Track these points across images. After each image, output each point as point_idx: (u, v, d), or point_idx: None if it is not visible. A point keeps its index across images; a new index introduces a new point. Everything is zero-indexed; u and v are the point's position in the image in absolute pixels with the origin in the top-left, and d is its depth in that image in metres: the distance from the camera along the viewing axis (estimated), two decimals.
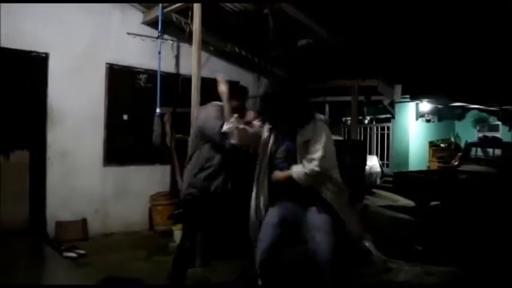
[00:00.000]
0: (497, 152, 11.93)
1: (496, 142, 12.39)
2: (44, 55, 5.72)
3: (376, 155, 12.40)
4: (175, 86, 6.75)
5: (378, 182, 10.72)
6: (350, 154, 6.26)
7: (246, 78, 7.87)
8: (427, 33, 6.13)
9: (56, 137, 5.79)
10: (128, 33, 6.26)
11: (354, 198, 4.75)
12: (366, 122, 13.57)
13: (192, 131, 4.07)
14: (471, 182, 9.45)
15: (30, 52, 5.63)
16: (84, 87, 6.03)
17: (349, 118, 11.33)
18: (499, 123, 14.04)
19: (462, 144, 13.19)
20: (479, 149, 12.46)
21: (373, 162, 10.87)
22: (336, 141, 4.45)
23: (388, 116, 13.41)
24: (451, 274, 4.74)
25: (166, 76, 6.62)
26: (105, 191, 6.23)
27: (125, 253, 5.36)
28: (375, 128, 13.68)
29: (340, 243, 3.60)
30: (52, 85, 5.77)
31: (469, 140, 13.00)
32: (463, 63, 7.36)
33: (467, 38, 6.30)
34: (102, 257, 5.15)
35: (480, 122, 14.92)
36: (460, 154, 12.11)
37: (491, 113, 13.59)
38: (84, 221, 5.95)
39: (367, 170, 8.81)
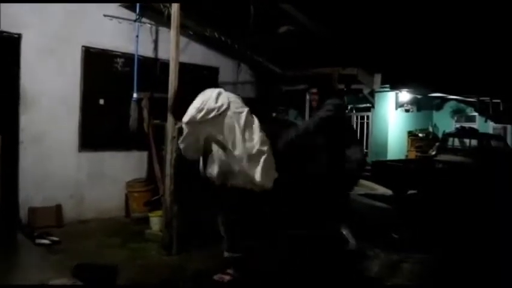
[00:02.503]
0: (474, 142, 12.12)
1: (472, 133, 12.58)
2: (16, 36, 5.52)
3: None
4: (153, 70, 6.62)
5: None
6: None
7: (226, 64, 7.79)
8: (407, 23, 6.14)
9: (29, 121, 5.62)
10: (105, 15, 6.08)
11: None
12: (347, 111, 13.61)
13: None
14: (448, 172, 9.60)
15: (2, 32, 5.41)
16: (59, 70, 5.86)
17: None
18: (476, 114, 14.28)
19: (440, 134, 13.38)
20: (456, 139, 12.64)
21: None
22: None
23: (368, 105, 13.52)
24: (426, 261, 4.82)
25: (144, 60, 6.50)
26: (80, 176, 6.10)
27: (100, 240, 5.27)
28: (355, 117, 13.76)
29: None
30: (25, 67, 5.58)
31: (447, 131, 13.20)
32: (442, 54, 7.41)
33: (447, 29, 6.33)
34: (76, 243, 5.05)
35: (458, 113, 15.14)
36: (437, 144, 12.27)
37: (468, 104, 13.80)
38: (58, 207, 5.82)
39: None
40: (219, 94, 3.84)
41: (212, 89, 3.95)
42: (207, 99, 3.78)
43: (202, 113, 3.70)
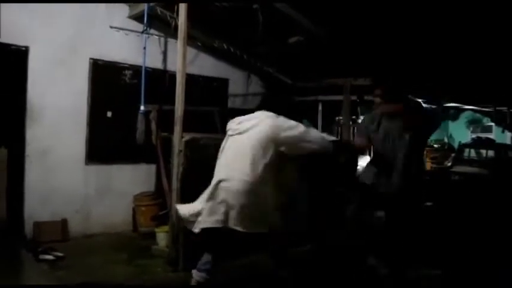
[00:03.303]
0: (490, 153, 11.86)
1: (489, 143, 12.33)
2: (24, 48, 5.48)
3: (369, 155, 12.26)
4: (162, 82, 6.52)
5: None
6: (342, 154, 6.12)
7: (236, 76, 7.70)
8: (421, 32, 5.99)
9: (36, 134, 5.56)
10: (111, 27, 6.03)
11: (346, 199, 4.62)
12: (360, 121, 13.44)
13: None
14: (464, 183, 9.36)
15: (9, 45, 5.38)
16: (66, 82, 5.80)
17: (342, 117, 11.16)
18: (493, 124, 14.00)
19: (455, 145, 13.12)
20: (472, 150, 12.38)
21: (365, 162, 10.71)
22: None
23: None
24: (441, 277, 4.61)
25: (152, 72, 6.43)
26: (87, 190, 6.01)
27: (105, 255, 5.16)
28: None
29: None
30: (32, 80, 5.53)
31: (463, 141, 12.94)
32: (457, 63, 7.23)
33: (462, 38, 6.17)
34: (81, 259, 4.95)
35: (474, 123, 14.88)
36: (453, 155, 12.04)
37: (485, 114, 13.52)
38: (64, 222, 5.73)
39: (359, 169, 8.68)
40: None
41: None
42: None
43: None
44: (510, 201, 7.62)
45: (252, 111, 3.76)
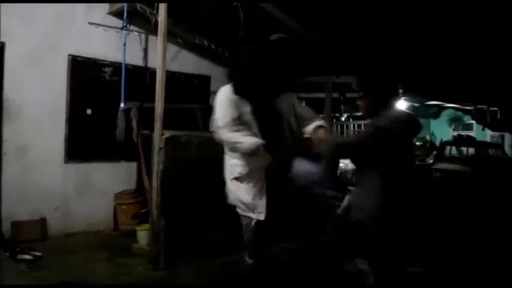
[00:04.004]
0: (471, 150, 12.03)
1: (470, 141, 12.51)
2: None
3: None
4: (142, 79, 6.45)
5: (354, 179, 10.66)
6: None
7: (218, 73, 7.63)
8: (402, 31, 6.02)
9: (13, 132, 5.45)
10: (90, 23, 5.93)
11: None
12: (343, 119, 13.52)
13: None
14: (445, 180, 9.48)
15: None
16: (44, 79, 5.71)
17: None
18: (474, 122, 14.18)
19: (437, 143, 13.27)
20: (454, 148, 12.55)
21: (348, 160, 10.80)
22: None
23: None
24: (422, 275, 4.64)
25: (133, 69, 6.36)
26: (66, 188, 5.92)
27: (85, 254, 5.09)
28: (352, 125, 13.64)
29: None
30: (9, 76, 5.41)
31: (444, 139, 13.11)
32: (438, 62, 7.30)
33: (443, 37, 6.22)
34: (60, 258, 4.87)
35: (455, 121, 15.07)
36: (435, 152, 12.17)
37: (465, 112, 13.70)
38: (43, 221, 5.64)
39: (342, 167, 8.71)
40: None
41: None
42: None
43: None
44: (489, 197, 7.74)
45: None
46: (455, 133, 14.77)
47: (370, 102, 3.08)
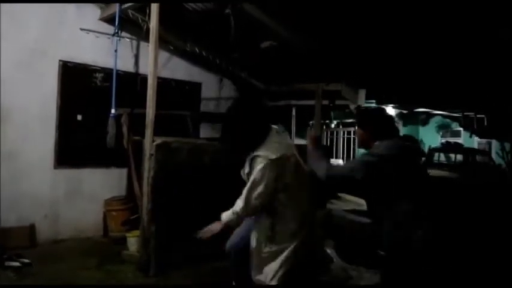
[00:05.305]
0: (459, 157, 12.16)
1: (458, 148, 12.65)
2: None
3: (342, 159, 12.43)
4: (133, 86, 6.44)
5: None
6: None
7: (209, 80, 7.68)
8: (391, 38, 6.09)
9: (2, 137, 5.41)
10: (81, 29, 5.93)
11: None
12: (333, 126, 13.62)
13: None
14: (433, 186, 9.56)
15: None
16: (34, 84, 5.68)
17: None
18: (461, 129, 14.34)
19: (426, 149, 13.40)
20: (442, 154, 12.67)
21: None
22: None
23: (354, 120, 13.50)
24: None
25: (124, 75, 6.35)
26: (56, 194, 5.88)
27: (75, 261, 5.05)
28: (342, 132, 13.73)
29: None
30: None
31: (432, 145, 13.23)
32: (426, 69, 7.39)
33: (431, 45, 6.30)
34: (48, 265, 4.83)
35: (443, 128, 15.22)
36: (423, 159, 12.26)
37: (453, 119, 13.88)
38: (32, 227, 5.60)
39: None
40: None
41: None
42: None
43: None
44: (477, 202, 7.82)
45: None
46: (443, 140, 14.92)
47: (366, 132, 3.15)
